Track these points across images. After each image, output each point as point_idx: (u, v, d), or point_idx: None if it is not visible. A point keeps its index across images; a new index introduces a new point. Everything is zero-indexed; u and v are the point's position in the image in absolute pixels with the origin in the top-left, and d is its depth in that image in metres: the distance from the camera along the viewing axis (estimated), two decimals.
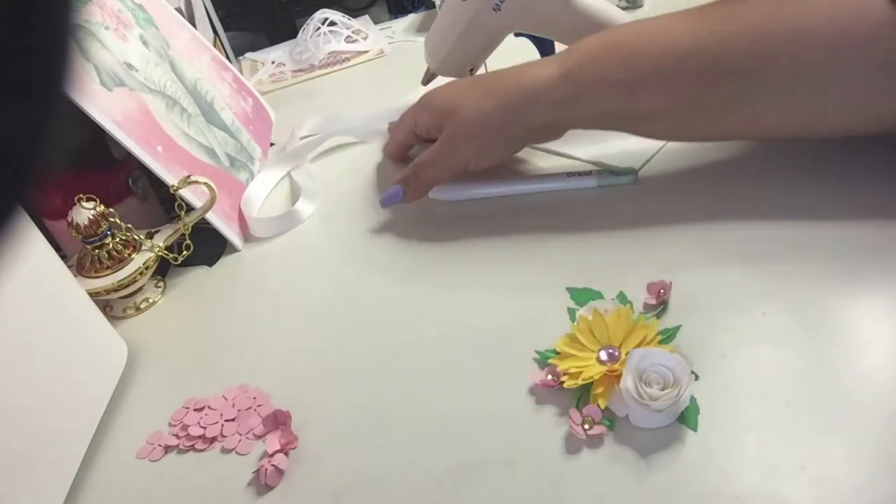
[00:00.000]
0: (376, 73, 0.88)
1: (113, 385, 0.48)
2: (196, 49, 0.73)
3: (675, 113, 0.50)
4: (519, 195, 0.59)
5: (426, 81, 0.74)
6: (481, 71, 0.71)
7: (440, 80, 0.72)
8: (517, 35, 0.66)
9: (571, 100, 0.51)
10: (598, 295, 0.47)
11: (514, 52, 0.66)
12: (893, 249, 0.45)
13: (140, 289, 0.57)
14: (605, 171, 0.58)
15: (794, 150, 0.56)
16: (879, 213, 0.48)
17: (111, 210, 0.55)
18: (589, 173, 0.57)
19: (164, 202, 0.66)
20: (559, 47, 0.66)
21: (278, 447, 0.42)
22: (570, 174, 0.58)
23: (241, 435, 0.44)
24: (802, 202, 0.50)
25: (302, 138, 0.75)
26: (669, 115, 0.50)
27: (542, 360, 0.43)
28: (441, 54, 0.68)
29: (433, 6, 0.96)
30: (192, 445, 0.44)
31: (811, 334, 0.41)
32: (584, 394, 0.41)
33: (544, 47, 0.67)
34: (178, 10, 0.76)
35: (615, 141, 0.62)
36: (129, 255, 0.55)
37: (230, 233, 0.60)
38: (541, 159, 0.63)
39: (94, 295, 0.52)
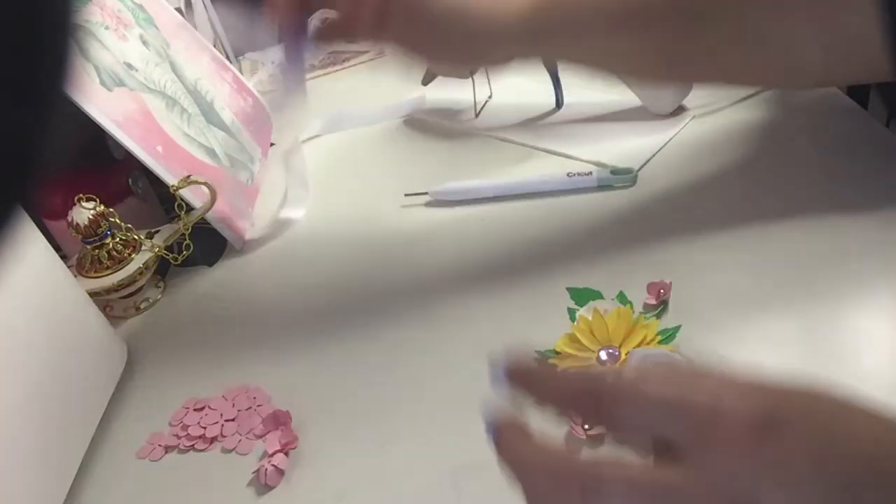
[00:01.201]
0: (376, 73, 0.88)
1: (113, 385, 0.48)
2: (196, 49, 0.73)
3: (642, 56, 0.48)
4: (519, 195, 0.59)
5: (426, 82, 0.74)
6: (481, 71, 0.71)
7: (440, 80, 0.72)
8: None
9: (540, 37, 0.48)
10: (598, 295, 0.47)
11: None
12: (893, 249, 0.45)
13: (140, 289, 0.57)
14: (605, 170, 0.58)
15: (795, 150, 0.56)
16: (879, 213, 0.48)
17: (111, 210, 0.55)
18: (589, 173, 0.57)
19: (164, 202, 0.66)
20: None
21: (278, 447, 0.42)
22: (570, 174, 0.58)
23: (241, 435, 0.44)
24: (803, 202, 0.50)
25: (304, 140, 0.74)
26: (635, 58, 0.48)
27: (542, 360, 0.43)
28: None
29: None
30: (192, 445, 0.44)
31: (811, 334, 0.41)
32: None
33: None
34: (178, 10, 0.76)
35: (615, 141, 0.62)
36: (129, 255, 0.55)
37: (230, 233, 0.60)
38: (541, 159, 0.63)
39: (94, 295, 0.52)
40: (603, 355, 0.41)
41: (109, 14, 0.60)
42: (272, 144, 0.77)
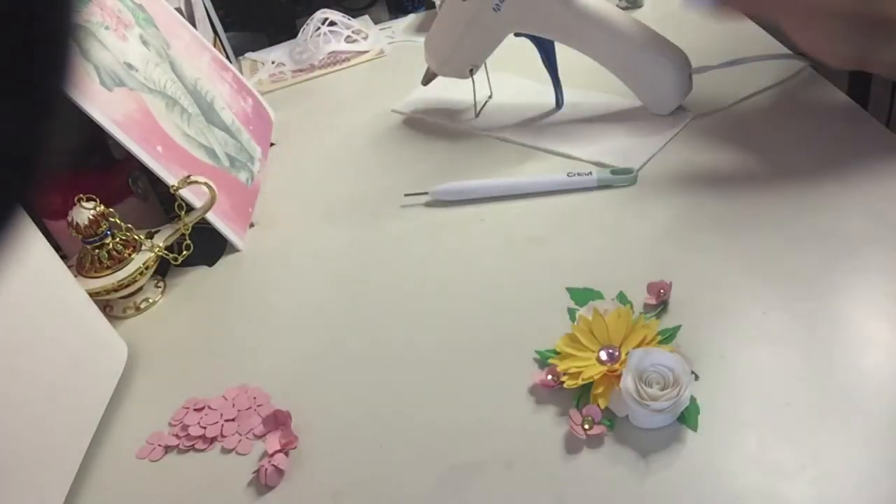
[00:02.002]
0: (376, 73, 0.88)
1: (113, 385, 0.48)
2: (196, 49, 0.73)
3: None
4: (520, 194, 0.59)
5: (426, 82, 0.74)
6: (482, 71, 0.71)
7: (441, 81, 0.72)
8: (517, 35, 0.67)
9: None
10: (598, 295, 0.47)
11: (515, 52, 0.66)
12: (893, 249, 0.45)
13: (140, 289, 0.57)
14: (606, 170, 0.58)
15: (795, 151, 0.56)
16: (879, 212, 0.48)
17: (111, 210, 0.55)
18: (589, 173, 0.58)
19: (164, 202, 0.66)
20: (559, 47, 0.66)
21: (278, 447, 0.42)
22: (570, 174, 0.58)
23: (241, 435, 0.44)
24: (802, 202, 0.50)
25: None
26: None
27: (542, 360, 0.43)
28: (441, 54, 0.69)
29: (433, 6, 0.95)
30: (192, 445, 0.44)
31: (811, 334, 0.41)
32: (584, 394, 0.41)
33: (544, 47, 0.68)
34: (178, 10, 0.76)
35: (616, 141, 0.62)
36: (129, 255, 0.55)
37: (230, 233, 0.60)
38: (541, 160, 0.63)
39: (94, 295, 0.52)
40: (603, 355, 0.41)
41: (109, 14, 0.60)
42: (272, 144, 0.77)
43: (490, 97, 0.74)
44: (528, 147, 0.65)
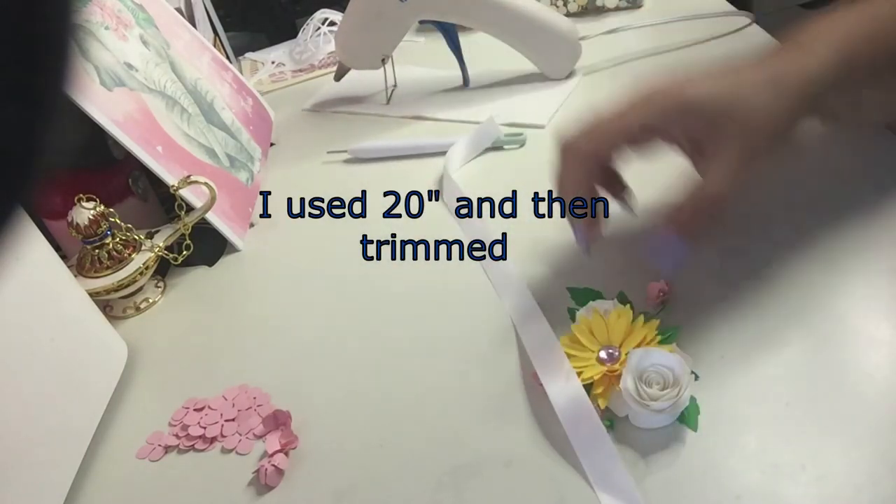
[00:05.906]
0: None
1: (113, 385, 0.48)
2: (196, 49, 0.73)
3: None
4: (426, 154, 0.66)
5: (338, 77, 0.79)
6: (388, 68, 0.77)
7: (354, 74, 0.77)
8: (421, 22, 0.74)
9: (846, 86, 0.44)
10: (598, 295, 0.47)
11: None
12: (894, 249, 0.45)
13: (140, 289, 0.57)
14: (500, 134, 0.65)
15: (792, 151, 0.56)
16: (879, 212, 0.48)
17: (111, 210, 0.55)
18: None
19: (164, 202, 0.66)
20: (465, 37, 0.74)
21: (278, 447, 0.42)
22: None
23: (241, 435, 0.44)
24: (802, 202, 0.50)
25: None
26: None
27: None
28: (353, 48, 0.74)
29: None
30: (192, 445, 0.44)
31: (811, 334, 0.41)
32: None
33: (447, 30, 0.74)
34: (178, 10, 0.76)
35: (524, 104, 0.70)
36: (129, 255, 0.55)
37: (230, 233, 0.60)
38: (458, 130, 0.68)
39: (94, 295, 0.52)
40: (603, 355, 0.41)
41: (109, 14, 0.60)
42: (272, 144, 0.77)
43: (395, 86, 0.80)
44: (443, 121, 0.72)
